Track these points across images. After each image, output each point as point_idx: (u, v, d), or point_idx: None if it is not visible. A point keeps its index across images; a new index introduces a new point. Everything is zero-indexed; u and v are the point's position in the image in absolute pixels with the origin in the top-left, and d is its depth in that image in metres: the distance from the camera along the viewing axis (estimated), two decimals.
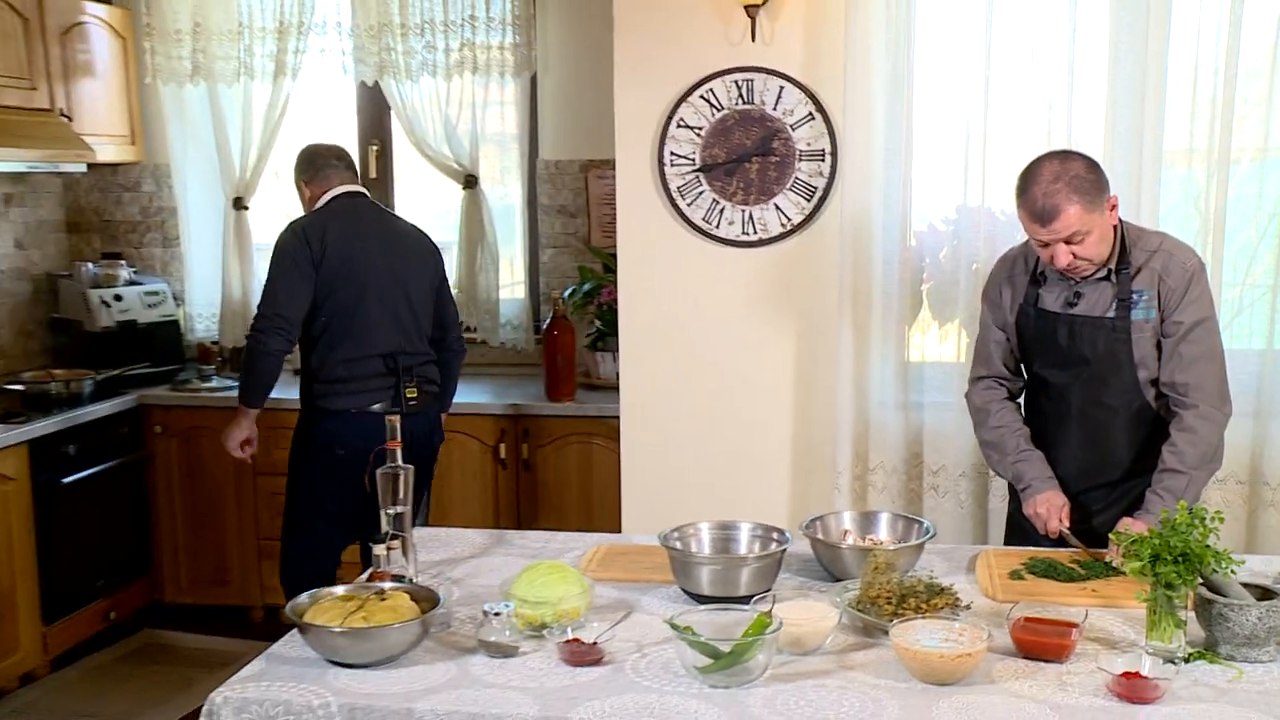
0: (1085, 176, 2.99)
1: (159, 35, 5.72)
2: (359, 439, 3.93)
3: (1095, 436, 3.24)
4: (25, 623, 4.78)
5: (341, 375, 4.22)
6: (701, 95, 4.33)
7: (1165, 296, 3.10)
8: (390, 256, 4.29)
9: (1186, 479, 3.07)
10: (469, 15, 5.48)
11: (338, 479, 4.17)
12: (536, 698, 2.30)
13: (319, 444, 4.27)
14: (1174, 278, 3.10)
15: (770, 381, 4.44)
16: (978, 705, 2.24)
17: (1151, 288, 3.11)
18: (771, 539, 2.90)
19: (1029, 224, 3.03)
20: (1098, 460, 3.26)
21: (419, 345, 4.36)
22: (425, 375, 4.38)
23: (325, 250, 4.16)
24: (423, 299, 4.38)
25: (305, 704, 2.31)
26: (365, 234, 4.27)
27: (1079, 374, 3.20)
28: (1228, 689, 2.32)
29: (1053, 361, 3.25)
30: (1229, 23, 3.87)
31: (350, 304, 4.20)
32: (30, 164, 5.03)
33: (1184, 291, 3.09)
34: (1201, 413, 3.09)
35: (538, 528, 5.03)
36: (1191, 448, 3.08)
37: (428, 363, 4.40)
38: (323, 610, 2.52)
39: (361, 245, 4.23)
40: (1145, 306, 3.11)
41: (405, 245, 4.39)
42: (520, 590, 2.62)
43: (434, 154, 5.62)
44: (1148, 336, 3.13)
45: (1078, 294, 3.17)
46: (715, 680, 2.32)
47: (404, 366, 4.27)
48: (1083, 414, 3.24)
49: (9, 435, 4.68)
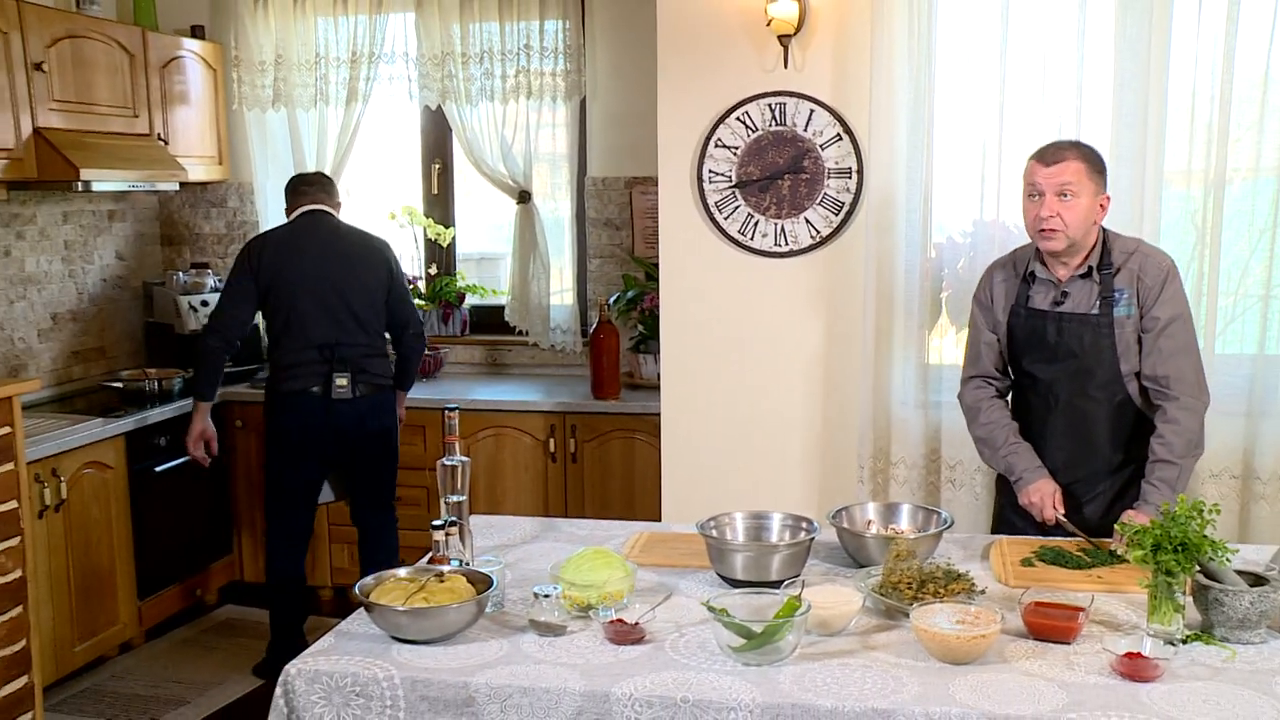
0: (1096, 155, 3.13)
1: (245, 66, 5.77)
2: (298, 416, 4.53)
3: (1080, 428, 3.23)
4: (123, 598, 4.85)
5: (286, 363, 4.55)
6: (738, 117, 4.31)
7: (1143, 294, 3.12)
8: (326, 263, 4.57)
9: (1177, 469, 3.08)
10: (524, 44, 5.48)
11: (285, 453, 4.61)
12: (582, 673, 2.30)
13: (272, 422, 4.66)
14: (1150, 276, 3.12)
15: (799, 382, 4.42)
16: (991, 683, 2.23)
17: (1130, 286, 3.12)
18: (800, 528, 2.89)
19: (1033, 169, 3.10)
20: (1082, 452, 3.24)
21: (359, 338, 4.58)
22: (362, 365, 4.59)
23: (260, 265, 4.54)
24: (366, 298, 4.60)
25: (371, 676, 2.32)
26: (303, 246, 4.59)
27: (1066, 368, 3.19)
28: (1222, 668, 2.30)
29: (1042, 357, 3.23)
30: (1223, 53, 3.85)
31: (286, 304, 4.53)
32: (131, 183, 5.10)
33: (1160, 289, 3.11)
34: (1183, 404, 3.10)
35: (584, 516, 5.02)
36: (1178, 438, 3.09)
37: (371, 355, 4.62)
38: (387, 591, 2.54)
39: (296, 256, 4.56)
40: (1126, 304, 3.13)
41: (347, 253, 4.63)
42: (568, 574, 2.61)
43: (491, 172, 5.63)
44: (1129, 332, 3.13)
45: (1064, 293, 3.18)
46: (748, 659, 2.32)
47: (339, 357, 4.53)
48: (1069, 406, 3.22)
49: (109, 428, 4.74)
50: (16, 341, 5.12)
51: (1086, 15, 3.96)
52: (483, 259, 6.23)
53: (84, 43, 4.90)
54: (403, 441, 5.09)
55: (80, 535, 4.58)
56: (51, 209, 5.32)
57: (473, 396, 5.30)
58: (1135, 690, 2.19)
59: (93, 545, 4.65)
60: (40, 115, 4.64)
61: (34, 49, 4.61)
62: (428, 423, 5.23)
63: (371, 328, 4.63)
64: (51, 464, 4.40)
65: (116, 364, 5.69)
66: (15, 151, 4.52)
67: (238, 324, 4.60)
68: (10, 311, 5.09)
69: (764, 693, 2.20)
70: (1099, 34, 3.97)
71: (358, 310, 4.58)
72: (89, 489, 4.63)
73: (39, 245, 5.25)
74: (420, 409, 5.20)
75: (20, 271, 5.14)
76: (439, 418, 5.09)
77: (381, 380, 4.66)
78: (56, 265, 5.35)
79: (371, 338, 4.63)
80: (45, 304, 5.29)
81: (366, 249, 4.69)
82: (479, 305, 6.03)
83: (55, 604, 4.44)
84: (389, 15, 5.64)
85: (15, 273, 5.12)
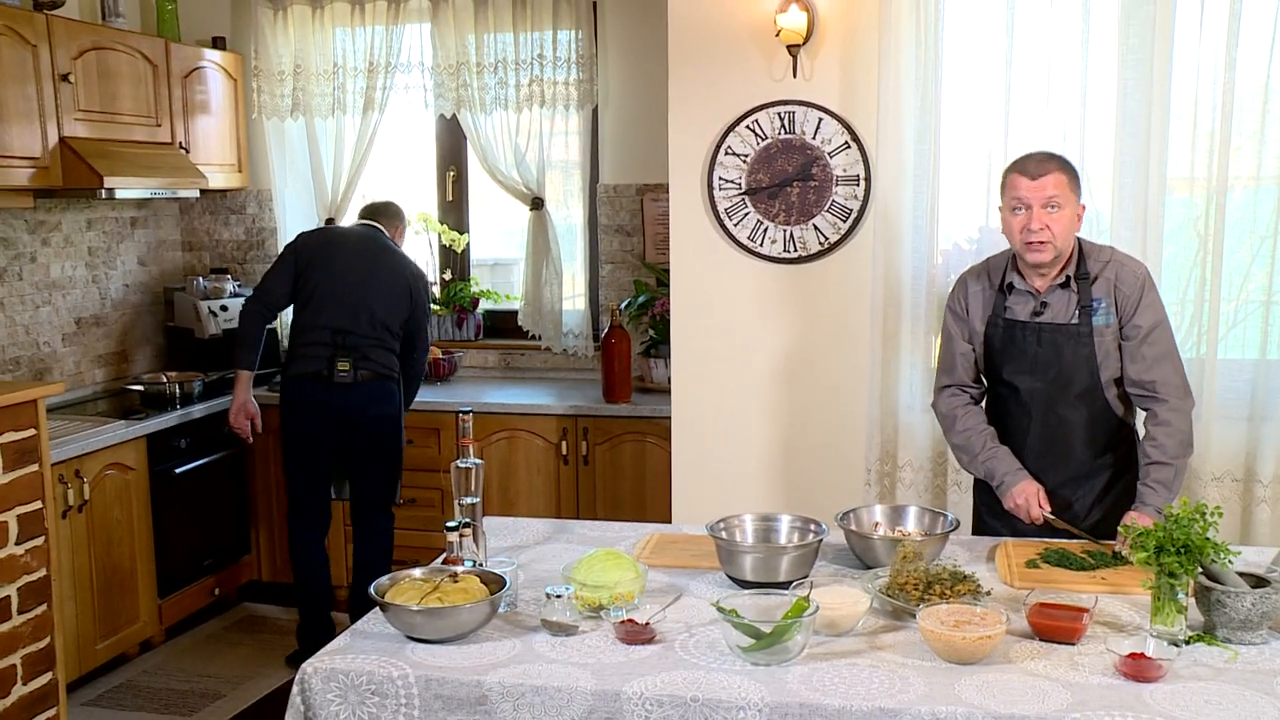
0: (1072, 167, 3.10)
1: (264, 76, 5.79)
2: (303, 397, 4.72)
3: (1058, 436, 3.21)
4: (144, 596, 4.87)
5: (299, 343, 4.74)
6: (747, 126, 4.31)
7: (1122, 303, 3.10)
8: (356, 261, 4.76)
9: (1172, 469, 3.07)
10: (537, 54, 5.49)
11: (294, 438, 4.80)
12: (594, 673, 2.30)
13: (283, 405, 4.83)
14: (1128, 285, 3.11)
15: (808, 386, 4.42)
16: (997, 683, 2.22)
17: (1108, 295, 3.11)
18: (809, 530, 2.89)
19: (1016, 181, 3.08)
20: (1060, 458, 3.22)
21: (368, 330, 4.69)
22: (365, 353, 4.69)
23: (301, 247, 4.81)
24: (382, 301, 4.72)
25: (386, 675, 2.32)
26: (343, 243, 4.84)
27: (1046, 378, 3.17)
28: (1224, 669, 2.29)
29: (1021, 368, 3.20)
30: (1225, 63, 3.83)
31: (311, 285, 4.72)
32: (153, 190, 5.12)
33: (1139, 298, 3.10)
34: (1172, 406, 3.10)
35: (596, 518, 5.03)
36: (1170, 440, 3.08)
37: (376, 347, 4.71)
38: (402, 591, 2.54)
39: (334, 248, 4.80)
40: (1104, 313, 3.11)
41: (377, 260, 4.79)
42: (580, 575, 2.62)
43: (505, 179, 5.63)
44: (1108, 340, 3.12)
45: (1044, 304, 3.15)
46: (757, 659, 2.31)
47: (346, 344, 4.66)
48: (1048, 415, 3.20)
49: (130, 430, 4.76)
50: (41, 345, 5.15)
51: (1090, 25, 3.95)
52: (496, 265, 6.24)
53: (109, 54, 4.93)
54: (418, 444, 5.10)
55: (102, 535, 4.60)
56: (76, 216, 5.34)
57: (486, 400, 5.30)
58: (1139, 690, 2.18)
59: (114, 545, 4.67)
60: (66, 125, 4.66)
61: (61, 61, 4.63)
62: (442, 426, 5.24)
63: (381, 327, 4.70)
64: (75, 465, 4.42)
65: (138, 368, 5.71)
66: (42, 160, 4.55)
67: (275, 294, 4.80)
68: (36, 316, 5.11)
69: (772, 692, 2.20)
70: (1102, 43, 3.96)
71: (374, 308, 4.69)
72: (111, 490, 4.65)
73: (64, 251, 5.27)
74: (434, 412, 5.21)
75: (45, 277, 5.17)
76: (453, 421, 5.10)
77: (384, 370, 4.73)
78: (80, 271, 5.37)
79: (380, 335, 4.70)
80: (69, 309, 5.31)
81: (395, 265, 4.82)
82: (493, 310, 6.03)
83: (78, 602, 4.46)
84: (405, 26, 5.65)
85: (41, 278, 5.14)
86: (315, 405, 4.70)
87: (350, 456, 4.81)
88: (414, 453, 5.12)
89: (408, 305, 4.77)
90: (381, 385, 4.73)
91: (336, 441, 4.75)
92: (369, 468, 4.81)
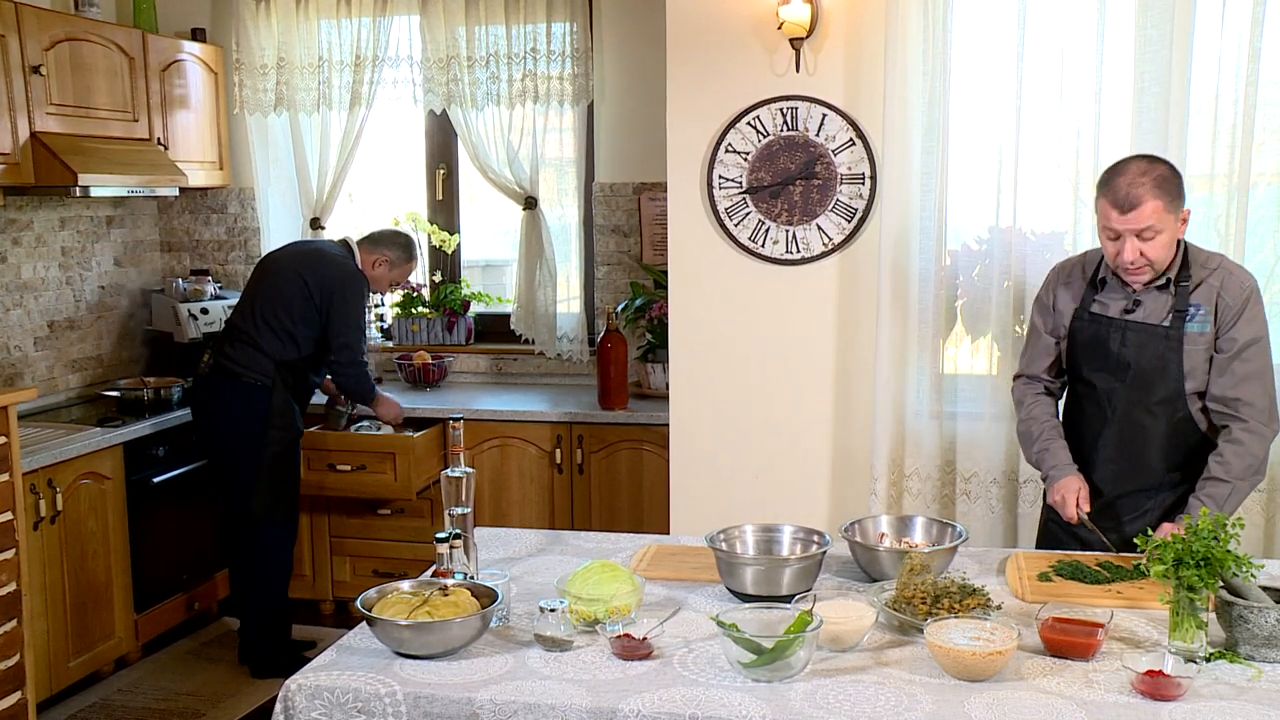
0: (1169, 179, 2.96)
1: (246, 70, 5.79)
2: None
3: (1134, 443, 3.17)
4: (119, 611, 4.86)
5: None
6: (748, 122, 4.31)
7: (1222, 312, 3.04)
8: (275, 264, 4.84)
9: (1230, 488, 3.01)
10: (530, 48, 5.50)
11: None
12: (589, 689, 2.29)
13: None
14: (1232, 295, 3.04)
15: (811, 392, 4.42)
16: (1008, 701, 2.22)
17: (1209, 303, 3.05)
18: (812, 541, 2.89)
19: (1107, 212, 2.97)
20: (1134, 467, 3.18)
21: (247, 327, 4.71)
22: (223, 348, 4.73)
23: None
24: (270, 294, 4.73)
25: (373, 692, 2.31)
26: (288, 252, 4.92)
27: (1126, 379, 3.13)
28: (1247, 687, 2.28)
29: (1103, 366, 3.17)
30: (1248, 55, 3.82)
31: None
32: (130, 189, 5.11)
33: (1241, 309, 3.03)
34: (1250, 427, 3.03)
35: (591, 529, 5.03)
36: (1237, 459, 3.02)
37: (241, 343, 4.70)
38: (389, 605, 2.53)
39: (273, 257, 4.92)
40: (1201, 320, 3.05)
41: (293, 259, 4.82)
42: (574, 588, 2.61)
43: (497, 177, 5.64)
44: (1200, 349, 3.06)
45: (1136, 302, 3.10)
46: (758, 675, 2.31)
47: (219, 335, 4.86)
48: (1125, 419, 3.16)
49: (106, 437, 4.75)
50: (12, 350, 5.14)
51: (1106, 16, 3.95)
52: (488, 266, 6.24)
53: (82, 46, 4.92)
54: None
55: (76, 547, 4.58)
56: (49, 215, 5.33)
57: (478, 406, 5.30)
58: (1157, 710, 2.18)
59: (89, 557, 4.66)
60: (38, 119, 4.66)
61: (31, 52, 4.63)
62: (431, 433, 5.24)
63: (263, 326, 4.70)
64: (47, 474, 4.41)
65: (114, 373, 5.71)
66: (12, 156, 4.54)
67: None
68: (6, 319, 5.10)
69: (775, 710, 2.19)
70: (1119, 35, 3.96)
71: (259, 307, 4.73)
72: (86, 500, 4.64)
73: (36, 252, 5.27)
74: (424, 419, 5.20)
75: (16, 279, 5.16)
76: (443, 428, 5.10)
77: (237, 368, 4.68)
78: (54, 272, 5.37)
79: (258, 333, 4.69)
80: (42, 312, 5.30)
81: (304, 265, 4.79)
82: (484, 313, 6.04)
83: (50, 618, 4.44)
84: (393, 18, 5.66)
85: (11, 280, 5.13)
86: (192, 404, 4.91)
87: (211, 459, 4.88)
88: (259, 460, 5.05)
89: (300, 304, 4.70)
90: (230, 386, 4.68)
91: (201, 443, 4.89)
92: (220, 471, 4.82)
